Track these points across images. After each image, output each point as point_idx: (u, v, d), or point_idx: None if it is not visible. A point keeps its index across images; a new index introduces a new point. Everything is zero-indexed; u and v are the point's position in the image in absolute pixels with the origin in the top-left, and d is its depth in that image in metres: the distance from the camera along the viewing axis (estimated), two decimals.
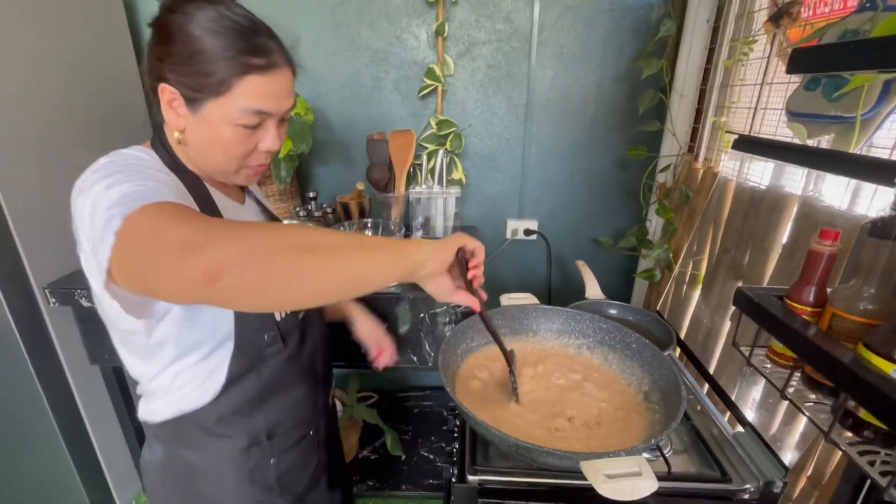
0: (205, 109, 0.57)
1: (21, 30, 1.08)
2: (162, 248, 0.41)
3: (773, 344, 0.61)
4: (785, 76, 0.93)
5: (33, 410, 1.21)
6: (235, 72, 0.55)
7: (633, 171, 1.55)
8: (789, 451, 0.78)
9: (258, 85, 0.57)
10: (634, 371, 0.83)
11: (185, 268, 0.39)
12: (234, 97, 0.56)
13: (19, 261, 1.11)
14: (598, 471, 0.54)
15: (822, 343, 0.44)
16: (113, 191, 0.48)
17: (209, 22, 0.55)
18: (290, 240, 0.44)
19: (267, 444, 0.69)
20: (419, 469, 1.52)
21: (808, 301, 0.55)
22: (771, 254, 0.88)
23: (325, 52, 1.47)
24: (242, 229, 0.43)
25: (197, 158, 0.63)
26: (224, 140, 0.59)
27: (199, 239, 0.41)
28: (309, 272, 0.44)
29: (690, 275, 1.14)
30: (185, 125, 0.59)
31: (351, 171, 1.61)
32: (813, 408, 0.52)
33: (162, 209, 0.45)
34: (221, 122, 0.58)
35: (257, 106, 0.58)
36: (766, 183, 0.95)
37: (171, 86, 0.57)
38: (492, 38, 1.45)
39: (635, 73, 1.42)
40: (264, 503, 0.71)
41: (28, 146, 1.12)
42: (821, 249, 0.53)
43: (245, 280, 0.40)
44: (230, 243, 0.41)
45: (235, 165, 0.63)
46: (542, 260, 1.70)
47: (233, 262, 0.40)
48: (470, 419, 0.65)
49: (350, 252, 0.46)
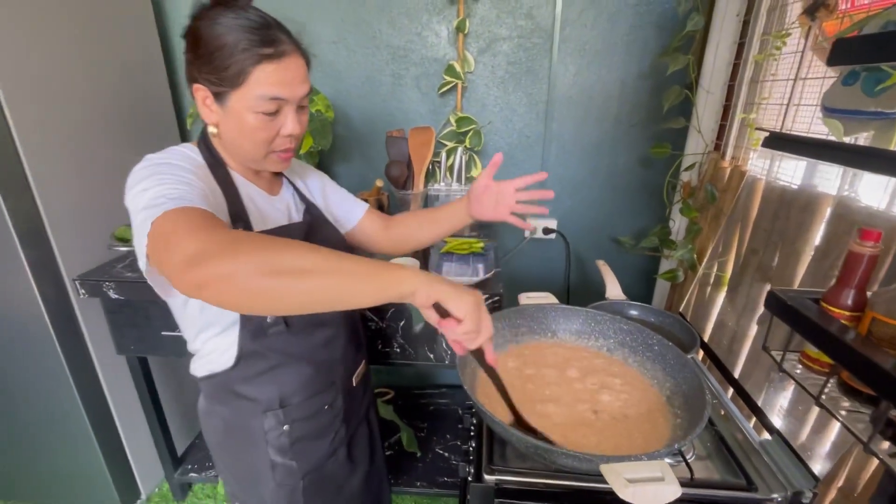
0: (229, 101, 0.64)
1: (57, 37, 1.12)
2: (171, 256, 0.49)
3: (806, 349, 0.58)
4: (820, 71, 0.89)
5: (64, 398, 1.25)
6: (249, 62, 0.62)
7: (656, 169, 1.52)
8: (819, 461, 0.75)
9: (270, 72, 0.63)
10: (656, 374, 0.81)
11: (183, 275, 0.47)
12: (251, 86, 0.63)
13: (52, 253, 1.15)
14: (619, 474, 0.53)
15: (861, 348, 0.42)
16: (147, 194, 0.56)
17: (225, 22, 0.62)
18: (281, 262, 0.47)
19: (280, 412, 0.76)
20: (434, 466, 1.52)
21: (846, 305, 0.52)
22: (802, 255, 0.85)
23: (345, 50, 1.48)
24: (240, 248, 0.47)
25: (230, 149, 0.70)
26: (249, 128, 0.65)
27: (199, 253, 0.47)
28: (293, 295, 0.47)
29: (715, 276, 1.11)
30: (218, 120, 0.67)
31: (370, 168, 1.62)
32: (848, 416, 0.50)
33: (179, 216, 0.52)
34: (244, 111, 0.64)
35: (272, 92, 0.64)
36: (797, 182, 0.91)
37: (202, 84, 0.65)
38: (513, 34, 1.43)
39: (660, 69, 1.39)
40: (278, 463, 0.78)
41: (62, 145, 1.16)
42: (861, 251, 0.50)
43: (230, 294, 0.47)
44: (223, 263, 0.46)
45: (262, 151, 0.69)
46: (560, 259, 1.67)
47: (220, 279, 0.46)
48: (488, 419, 0.64)
49: (337, 278, 0.48)
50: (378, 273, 0.50)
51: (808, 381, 0.56)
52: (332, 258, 0.49)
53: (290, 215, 0.80)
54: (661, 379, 0.80)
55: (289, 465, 0.79)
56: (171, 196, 0.55)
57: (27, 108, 1.06)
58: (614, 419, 0.73)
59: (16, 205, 1.07)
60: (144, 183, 0.58)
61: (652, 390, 0.80)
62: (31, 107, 1.07)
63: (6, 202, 1.04)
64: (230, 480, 0.84)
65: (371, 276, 0.49)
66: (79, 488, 1.42)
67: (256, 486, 0.80)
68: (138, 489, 1.49)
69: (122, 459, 1.41)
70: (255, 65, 0.62)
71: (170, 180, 0.58)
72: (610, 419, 0.73)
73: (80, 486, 1.41)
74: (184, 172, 0.61)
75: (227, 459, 0.82)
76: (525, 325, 0.92)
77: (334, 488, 0.87)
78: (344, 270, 0.49)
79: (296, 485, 0.80)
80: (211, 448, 0.84)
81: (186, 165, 0.63)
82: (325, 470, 0.84)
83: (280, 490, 0.80)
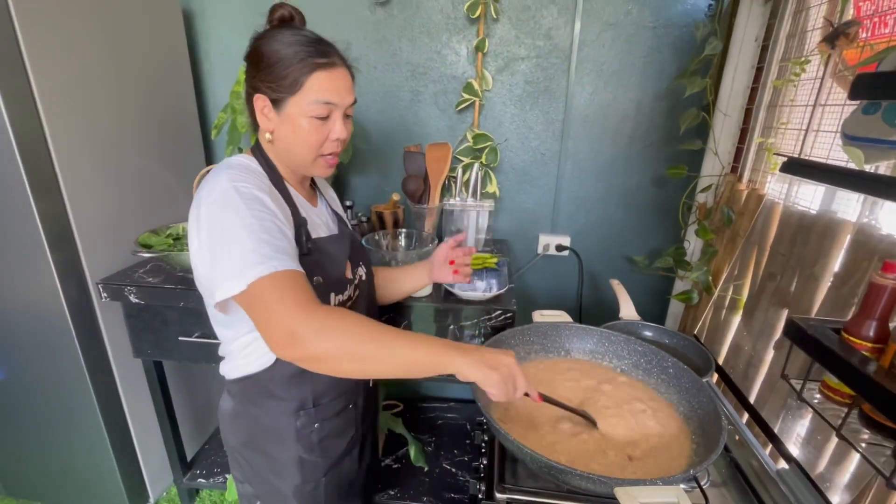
0: (286, 108, 0.71)
1: (92, 48, 1.17)
2: (269, 327, 0.60)
3: (826, 378, 0.58)
4: (839, 98, 0.90)
5: (80, 398, 1.28)
6: (305, 71, 0.69)
7: (671, 190, 1.52)
8: (838, 493, 0.74)
9: (323, 80, 0.70)
10: (671, 397, 0.81)
11: (282, 350, 0.60)
12: (306, 91, 0.69)
13: (77, 257, 1.19)
14: (633, 498, 0.53)
15: (884, 381, 0.42)
16: (238, 236, 0.62)
17: (284, 39, 0.70)
18: (363, 352, 0.60)
19: (312, 410, 0.80)
20: (441, 482, 1.50)
21: (868, 336, 0.52)
22: (821, 282, 0.84)
23: (366, 66, 1.52)
24: (331, 335, 0.59)
25: (283, 155, 0.76)
26: (303, 131, 0.71)
27: (297, 336, 0.58)
28: (368, 374, 0.64)
29: (731, 299, 1.10)
30: (274, 126, 0.73)
31: (386, 182, 1.65)
32: (868, 448, 0.49)
33: (278, 285, 0.60)
34: (299, 116, 0.71)
35: (324, 97, 0.70)
36: (815, 208, 0.91)
37: (262, 94, 0.71)
38: (531, 53, 1.46)
39: (677, 91, 1.40)
40: (306, 460, 0.82)
41: (92, 152, 1.20)
42: (883, 283, 0.50)
43: (320, 369, 0.61)
44: (316, 348, 0.59)
45: (313, 155, 0.74)
46: (573, 276, 1.67)
47: (313, 360, 0.60)
48: (501, 436, 0.64)
49: (404, 366, 0.62)
50: (433, 360, 0.62)
51: (828, 411, 0.56)
52: (403, 347, 0.61)
53: (329, 226, 0.86)
54: (676, 402, 0.79)
55: (315, 461, 0.83)
56: (266, 253, 0.61)
57: (61, 116, 1.10)
58: (631, 440, 0.72)
59: (46, 207, 1.10)
60: (232, 216, 0.63)
61: (671, 413, 0.79)
62: (65, 114, 1.11)
63: (37, 204, 1.08)
64: (253, 480, 0.86)
65: (428, 365, 0.62)
66: (89, 489, 1.43)
67: (281, 484, 0.83)
68: (147, 492, 1.50)
69: (132, 462, 1.43)
70: (310, 73, 0.69)
71: (260, 224, 0.63)
72: (626, 440, 0.72)
73: (91, 487, 1.42)
74: (265, 207, 0.65)
75: (254, 459, 0.84)
76: (538, 342, 0.92)
77: (346, 485, 0.91)
78: (409, 359, 0.61)
79: (319, 480, 0.84)
80: (234, 450, 0.86)
81: (262, 189, 0.67)
82: (342, 467, 0.88)
83: (305, 486, 0.83)
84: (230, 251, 0.61)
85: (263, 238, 0.62)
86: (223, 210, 0.63)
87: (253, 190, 0.66)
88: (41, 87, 1.05)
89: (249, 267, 0.59)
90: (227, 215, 0.63)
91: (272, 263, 0.60)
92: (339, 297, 0.79)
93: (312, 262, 0.73)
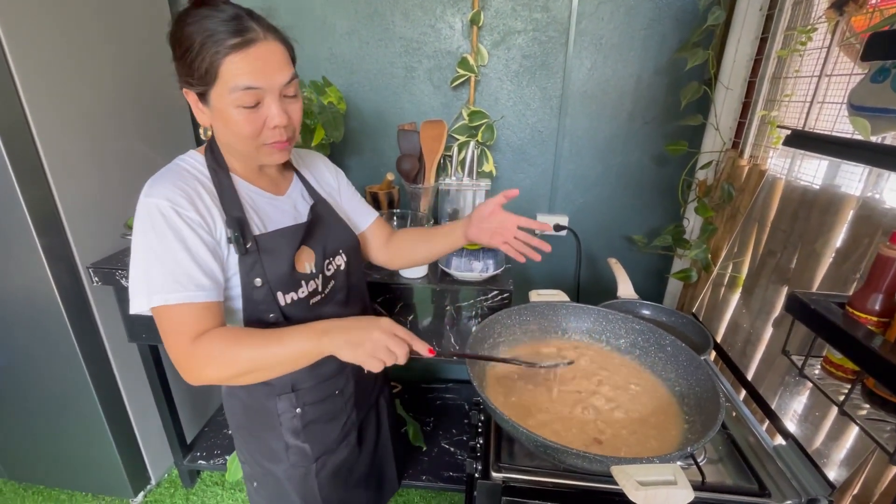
0: (211, 100, 0.64)
1: (75, 31, 1.13)
2: (169, 351, 0.65)
3: (829, 354, 0.57)
4: (846, 67, 0.87)
5: (77, 384, 1.27)
6: (219, 55, 0.60)
7: (671, 167, 1.49)
8: (834, 468, 0.74)
9: (238, 62, 0.61)
10: (669, 375, 0.80)
11: (181, 372, 0.64)
12: (224, 79, 0.61)
13: (66, 241, 1.17)
14: (630, 477, 0.52)
15: (889, 356, 0.41)
16: (142, 266, 0.64)
17: (195, 21, 0.61)
18: (239, 368, 0.63)
19: (293, 395, 0.79)
20: (440, 461, 1.52)
21: (873, 310, 0.51)
22: (822, 258, 0.83)
23: (358, 42, 1.47)
24: (211, 364, 0.63)
25: (226, 148, 0.71)
26: (234, 123, 0.64)
27: (186, 367, 0.64)
28: (255, 380, 0.67)
29: (730, 277, 1.09)
30: (209, 120, 0.67)
31: (381, 162, 1.61)
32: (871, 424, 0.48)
33: (174, 317, 0.63)
34: (226, 107, 0.63)
35: (244, 82, 0.61)
36: (818, 183, 0.89)
37: (188, 88, 0.65)
38: (528, 27, 1.41)
39: (677, 64, 1.36)
40: (292, 445, 0.81)
41: (77, 137, 1.17)
42: (891, 255, 0.49)
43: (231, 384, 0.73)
44: (203, 375, 0.64)
45: (252, 145, 0.67)
46: (571, 257, 1.65)
47: (204, 381, 0.64)
48: (497, 416, 0.64)
49: (280, 367, 0.66)
50: (307, 351, 0.64)
51: (829, 387, 0.55)
52: (276, 348, 0.63)
53: (296, 215, 0.78)
54: (673, 380, 0.79)
55: (302, 447, 0.82)
56: (165, 285, 0.62)
57: (44, 99, 1.07)
58: (626, 419, 0.72)
59: (32, 193, 1.08)
60: (148, 236, 0.63)
61: (664, 392, 0.78)
62: (48, 98, 1.08)
63: (23, 191, 1.06)
64: (249, 460, 0.87)
65: (306, 356, 0.65)
66: (90, 473, 1.44)
67: (273, 467, 0.83)
68: (148, 475, 1.51)
69: (132, 445, 1.43)
70: (223, 57, 0.60)
71: (169, 254, 0.63)
72: (621, 419, 0.72)
73: (92, 470, 1.44)
74: (179, 236, 0.64)
75: (247, 439, 0.85)
76: (535, 322, 0.91)
77: (345, 471, 0.89)
78: (288, 356, 0.64)
79: (309, 467, 0.83)
80: (232, 429, 0.87)
81: (191, 201, 0.65)
82: (337, 453, 0.87)
83: (294, 471, 0.83)
84: (139, 269, 0.63)
85: (168, 268, 0.62)
86: (142, 227, 0.63)
87: (175, 213, 0.63)
88: (22, 71, 1.01)
89: (153, 292, 0.62)
90: (144, 233, 0.63)
91: (166, 296, 0.62)
92: (294, 295, 0.74)
93: (251, 263, 0.69)
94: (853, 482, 0.70)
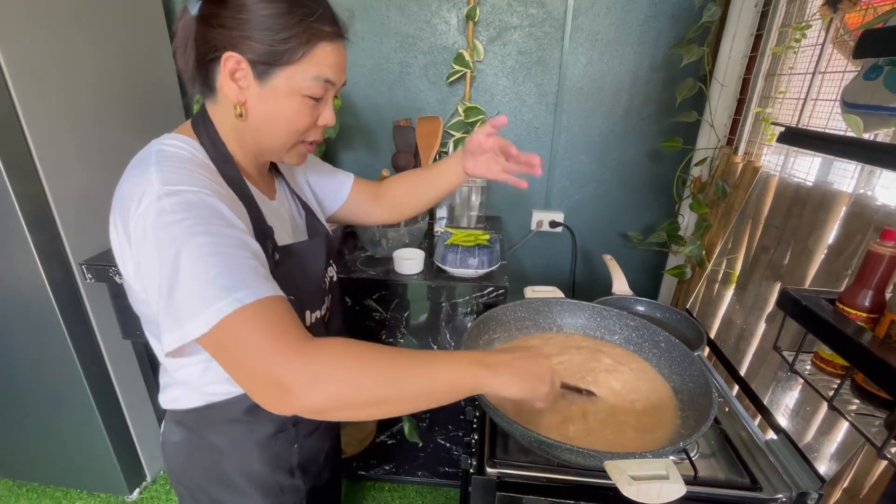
0: (274, 78, 0.55)
1: (65, 24, 1.11)
2: (251, 377, 0.47)
3: (819, 350, 0.57)
4: (839, 65, 0.87)
5: (71, 382, 1.27)
6: (312, 37, 0.55)
7: (666, 163, 1.50)
8: (825, 462, 0.74)
9: (329, 53, 0.57)
10: (662, 371, 0.81)
11: (273, 406, 0.46)
12: (307, 65, 0.55)
13: (59, 238, 1.16)
14: (623, 471, 0.52)
15: (879, 351, 0.41)
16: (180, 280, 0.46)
17: None
18: (365, 397, 0.47)
19: (293, 431, 0.71)
20: (436, 457, 1.52)
21: (863, 306, 0.51)
22: (814, 255, 0.83)
23: (353, 37, 1.43)
24: (329, 380, 0.46)
25: (251, 134, 0.60)
26: (291, 112, 0.57)
27: (291, 384, 0.45)
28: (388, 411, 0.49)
29: (724, 273, 1.09)
30: (248, 98, 0.57)
31: (377, 158, 1.61)
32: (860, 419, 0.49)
33: (252, 320, 0.46)
34: (290, 93, 0.56)
35: (327, 74, 0.57)
36: (811, 180, 0.89)
37: (239, 54, 0.54)
38: (524, 22, 1.41)
39: (673, 61, 1.36)
40: (286, 486, 0.72)
41: (69, 132, 1.16)
42: (881, 251, 0.49)
43: (325, 418, 0.48)
44: (313, 400, 0.45)
45: (294, 140, 0.61)
46: (566, 253, 1.66)
47: (311, 413, 0.46)
48: (491, 411, 0.64)
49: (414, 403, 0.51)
50: (458, 386, 0.52)
51: (820, 382, 0.55)
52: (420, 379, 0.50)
53: (295, 221, 0.72)
54: (667, 376, 0.79)
55: (296, 485, 0.73)
56: (227, 284, 0.45)
57: (35, 95, 1.06)
58: (621, 413, 0.72)
59: (23, 190, 1.07)
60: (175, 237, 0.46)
61: (663, 385, 0.79)
62: (39, 93, 1.07)
63: (14, 187, 1.05)
64: None
65: (452, 393, 0.52)
66: (86, 470, 1.44)
67: None
68: (144, 472, 1.51)
69: (127, 442, 1.43)
70: (317, 41, 0.55)
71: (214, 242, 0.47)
72: (616, 413, 0.72)
73: (88, 467, 1.43)
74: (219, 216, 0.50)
75: (221, 495, 0.68)
76: (529, 318, 0.91)
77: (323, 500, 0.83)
78: (428, 391, 0.51)
79: None
80: (191, 489, 0.69)
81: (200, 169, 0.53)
82: (321, 481, 0.80)
83: None
84: (176, 287, 0.45)
85: (238, 262, 0.47)
86: (159, 231, 0.47)
87: (201, 194, 0.50)
88: (12, 66, 1.00)
89: (206, 305, 0.45)
90: (168, 237, 0.46)
91: (236, 295, 0.45)
92: (318, 312, 0.67)
93: (281, 278, 0.54)
94: (843, 475, 0.71)
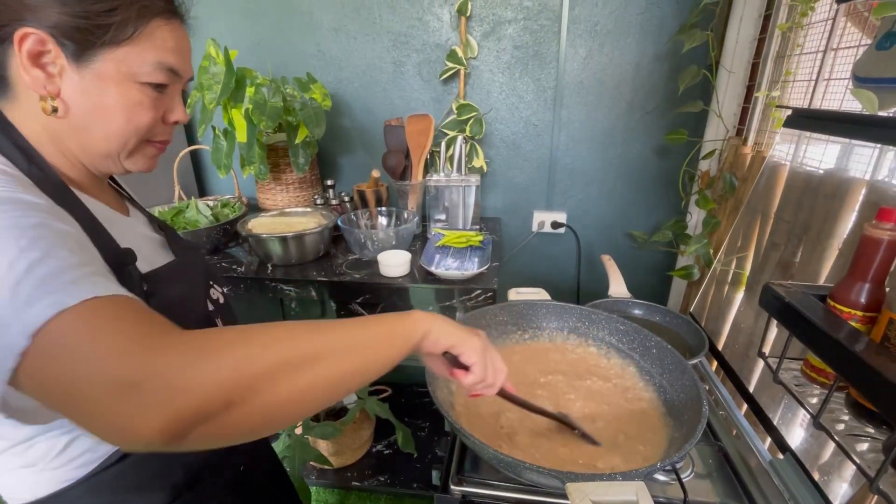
0: (98, 62, 0.44)
1: None
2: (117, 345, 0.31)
3: (809, 356, 0.49)
4: (853, 40, 0.78)
5: None
6: (146, 13, 0.45)
7: (674, 158, 1.41)
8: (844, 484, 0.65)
9: (168, 34, 0.47)
10: (654, 379, 0.73)
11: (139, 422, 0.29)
12: (144, 47, 0.46)
13: None
14: (585, 496, 0.46)
15: (871, 359, 0.33)
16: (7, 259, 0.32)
17: None
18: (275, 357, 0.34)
19: (190, 496, 0.53)
20: (431, 468, 1.46)
21: (858, 303, 0.43)
22: (828, 250, 0.74)
23: (346, 37, 1.44)
24: (222, 351, 0.32)
25: (78, 137, 0.47)
26: (127, 103, 0.46)
27: (159, 371, 0.30)
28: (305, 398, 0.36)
29: (733, 273, 1.00)
30: (63, 89, 0.44)
31: (372, 159, 1.58)
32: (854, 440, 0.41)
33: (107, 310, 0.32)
34: (123, 80, 0.46)
35: (170, 61, 0.48)
36: (824, 168, 0.80)
37: (40, 30, 0.41)
38: (518, 15, 1.35)
39: (677, 50, 1.28)
40: None
41: None
42: (878, 235, 0.41)
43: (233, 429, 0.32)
44: (213, 373, 0.31)
45: (133, 141, 0.49)
46: (570, 255, 1.58)
47: (221, 404, 0.31)
48: (457, 430, 0.58)
49: (356, 352, 0.40)
50: (394, 329, 0.43)
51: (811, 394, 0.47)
52: (337, 331, 0.39)
53: (157, 241, 0.59)
54: (657, 385, 0.72)
55: None
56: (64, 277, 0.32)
57: None
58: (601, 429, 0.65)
59: None
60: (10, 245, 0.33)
61: (648, 399, 0.71)
62: None
63: None
64: None
65: (390, 338, 0.42)
66: None
67: None
68: None
69: None
70: (151, 18, 0.45)
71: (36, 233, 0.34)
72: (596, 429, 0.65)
73: None
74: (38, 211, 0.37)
75: None
76: (512, 322, 0.85)
77: None
78: (360, 341, 0.40)
79: None
80: None
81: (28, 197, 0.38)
82: None
83: None
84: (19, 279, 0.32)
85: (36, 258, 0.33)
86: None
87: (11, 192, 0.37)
88: None
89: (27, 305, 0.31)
90: None
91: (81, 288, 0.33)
92: None
93: (157, 309, 0.38)
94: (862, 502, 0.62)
